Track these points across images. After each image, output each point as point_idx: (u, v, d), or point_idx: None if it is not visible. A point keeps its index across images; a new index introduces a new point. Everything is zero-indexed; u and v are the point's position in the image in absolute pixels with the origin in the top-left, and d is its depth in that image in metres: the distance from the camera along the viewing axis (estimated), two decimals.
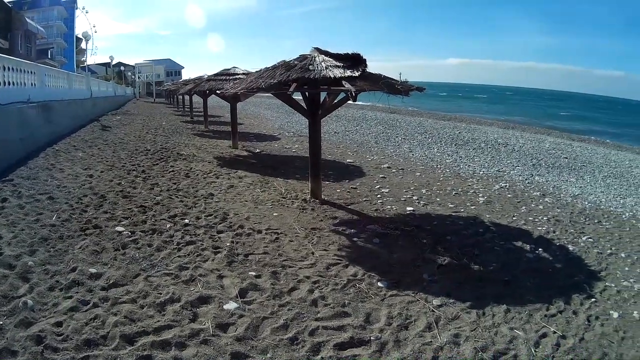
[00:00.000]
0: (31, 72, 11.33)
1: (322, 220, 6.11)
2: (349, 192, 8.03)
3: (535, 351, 3.17)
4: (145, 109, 30.41)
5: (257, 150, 12.90)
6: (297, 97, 6.82)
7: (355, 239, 5.41)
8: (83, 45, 41.68)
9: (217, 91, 12.75)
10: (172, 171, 8.79)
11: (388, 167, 10.81)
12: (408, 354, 3.02)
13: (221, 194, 7.18)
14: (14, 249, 4.14)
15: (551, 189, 9.35)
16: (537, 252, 5.36)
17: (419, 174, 10.21)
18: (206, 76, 15.82)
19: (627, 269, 5.01)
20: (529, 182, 9.88)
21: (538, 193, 8.76)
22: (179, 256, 4.45)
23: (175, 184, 7.69)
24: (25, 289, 3.43)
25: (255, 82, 6.29)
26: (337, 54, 6.19)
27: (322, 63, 5.87)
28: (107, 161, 9.33)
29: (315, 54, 6.19)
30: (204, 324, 3.19)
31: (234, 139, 13.40)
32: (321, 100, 7.04)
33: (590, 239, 6.00)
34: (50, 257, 4.11)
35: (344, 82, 5.64)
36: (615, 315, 3.85)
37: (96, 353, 2.76)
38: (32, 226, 4.84)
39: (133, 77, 57.63)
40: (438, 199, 7.80)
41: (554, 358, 3.13)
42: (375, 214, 6.63)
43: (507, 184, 9.48)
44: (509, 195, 8.41)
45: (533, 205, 7.71)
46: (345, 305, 3.65)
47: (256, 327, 3.22)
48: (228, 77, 12.48)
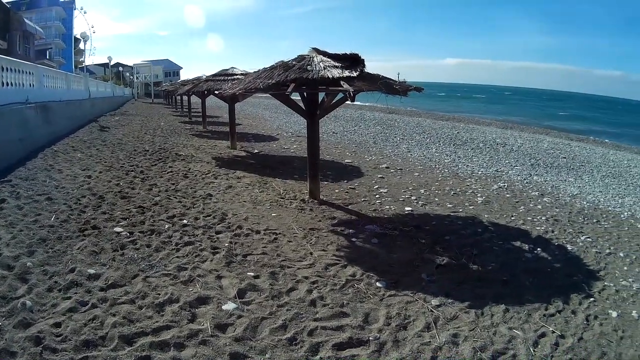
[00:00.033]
0: (29, 73, 11.31)
1: (320, 221, 6.12)
2: (347, 192, 8.03)
3: (534, 351, 3.18)
4: (144, 110, 30.36)
5: (256, 151, 12.89)
6: (296, 97, 6.82)
7: (353, 239, 5.41)
8: (81, 45, 41.65)
9: (216, 92, 12.73)
10: (171, 172, 8.78)
11: (386, 168, 10.81)
12: (407, 354, 3.03)
13: (220, 195, 7.17)
14: (13, 249, 4.13)
15: (549, 188, 9.37)
16: (535, 251, 5.36)
17: (417, 174, 10.22)
18: (204, 76, 15.79)
19: (625, 268, 5.03)
20: (527, 182, 9.90)
21: (536, 193, 8.78)
22: (177, 257, 4.44)
23: (173, 184, 7.68)
24: (24, 289, 3.42)
25: (253, 82, 6.28)
26: (336, 54, 6.18)
27: (321, 63, 5.86)
28: (105, 162, 9.31)
29: (314, 54, 6.18)
30: (203, 325, 3.19)
31: (232, 140, 13.39)
32: (319, 100, 7.04)
33: (588, 239, 6.01)
34: (49, 257, 4.10)
35: (342, 83, 5.64)
36: (614, 314, 3.86)
37: (95, 354, 2.75)
38: (31, 227, 4.83)
39: (131, 77, 57.49)
40: (436, 199, 7.81)
41: (553, 358, 3.13)
42: (373, 214, 6.64)
43: (506, 184, 9.50)
44: (508, 195, 8.42)
45: (531, 205, 7.72)
46: (344, 305, 3.65)
47: (255, 328, 3.22)
48: (226, 78, 12.46)
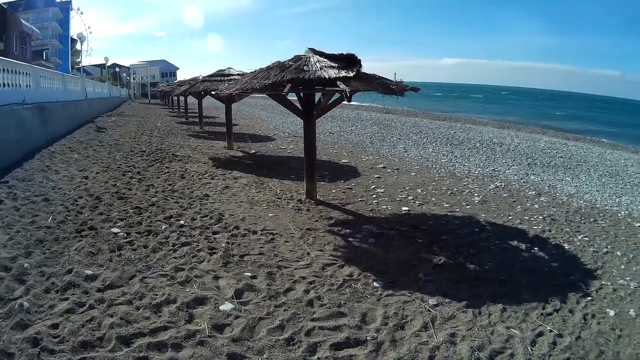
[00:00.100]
0: (26, 74, 11.27)
1: (317, 221, 6.12)
2: (344, 192, 8.03)
3: (531, 350, 3.19)
4: (140, 110, 30.30)
5: (252, 151, 12.88)
6: (292, 97, 6.82)
7: (350, 239, 5.42)
8: (78, 46, 41.59)
9: (212, 92, 12.70)
10: (168, 172, 8.76)
11: (383, 167, 10.82)
12: (404, 353, 3.03)
13: (216, 195, 7.16)
14: (10, 250, 4.11)
15: (546, 188, 9.40)
16: (532, 251, 5.38)
17: (414, 173, 10.24)
18: (201, 77, 15.79)
19: (623, 267, 5.05)
20: (524, 182, 9.93)
21: (533, 192, 8.80)
22: (174, 257, 4.43)
23: (170, 185, 7.67)
24: (21, 291, 3.41)
25: (250, 83, 6.27)
26: (332, 54, 6.18)
27: (317, 63, 5.86)
28: (102, 163, 9.28)
29: (310, 55, 6.18)
30: (200, 325, 3.19)
31: (229, 140, 13.37)
32: (316, 100, 7.04)
33: (586, 238, 6.03)
34: (46, 259, 4.09)
35: (338, 83, 5.64)
36: (612, 313, 3.87)
37: (92, 355, 2.75)
38: (28, 228, 4.81)
39: (128, 78, 57.38)
40: (433, 199, 7.82)
41: (551, 357, 3.14)
42: (370, 214, 6.64)
43: (503, 184, 9.52)
44: (505, 195, 8.44)
45: (528, 205, 7.74)
46: (341, 305, 3.65)
47: (252, 328, 3.22)
48: (223, 78, 12.45)
